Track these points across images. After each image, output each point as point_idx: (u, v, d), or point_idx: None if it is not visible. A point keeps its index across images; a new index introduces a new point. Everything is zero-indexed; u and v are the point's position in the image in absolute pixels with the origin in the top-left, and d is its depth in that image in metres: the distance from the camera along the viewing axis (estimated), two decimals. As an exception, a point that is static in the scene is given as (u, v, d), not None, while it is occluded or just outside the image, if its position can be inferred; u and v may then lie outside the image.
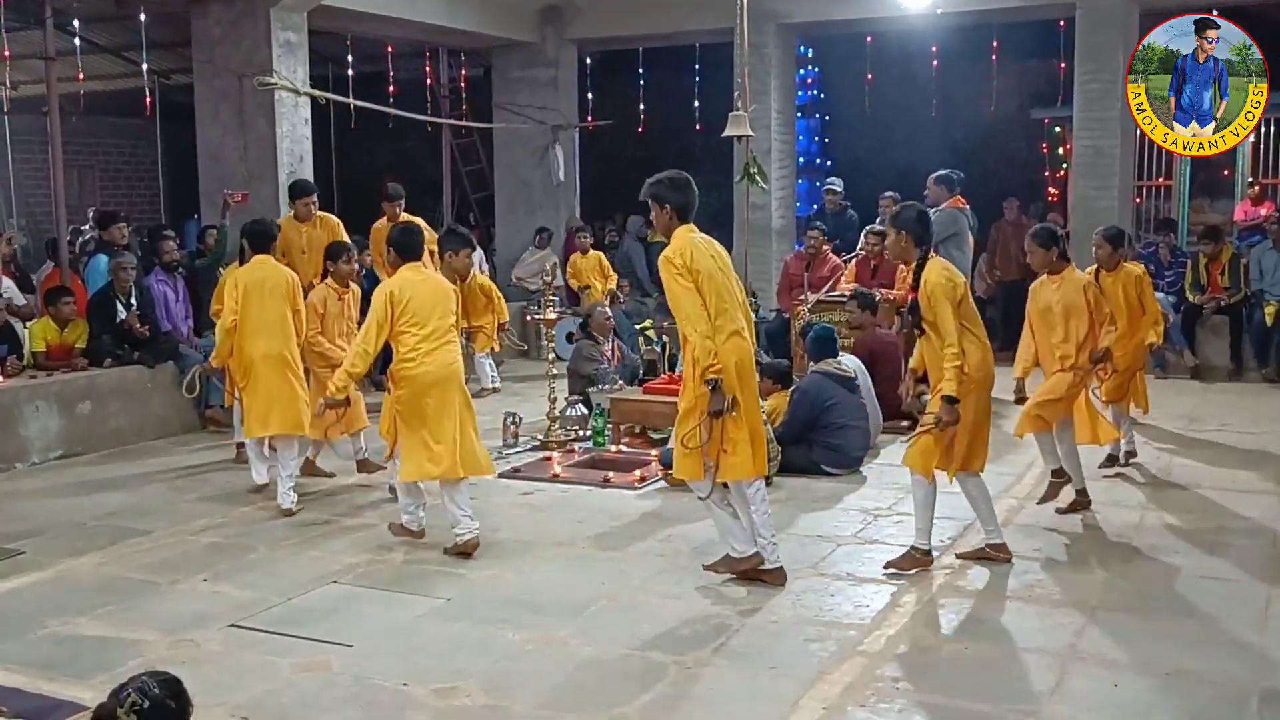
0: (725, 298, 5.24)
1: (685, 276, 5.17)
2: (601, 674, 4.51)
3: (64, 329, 8.72)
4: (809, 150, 15.62)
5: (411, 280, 6.00)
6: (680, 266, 5.18)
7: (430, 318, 5.95)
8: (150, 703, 2.62)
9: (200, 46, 10.57)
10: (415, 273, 6.07)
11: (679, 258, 5.20)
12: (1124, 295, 7.29)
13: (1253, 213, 12.52)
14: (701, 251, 5.25)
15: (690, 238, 5.31)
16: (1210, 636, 4.82)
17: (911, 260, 5.68)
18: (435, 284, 6.12)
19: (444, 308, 6.04)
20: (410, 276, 6.02)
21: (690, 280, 5.17)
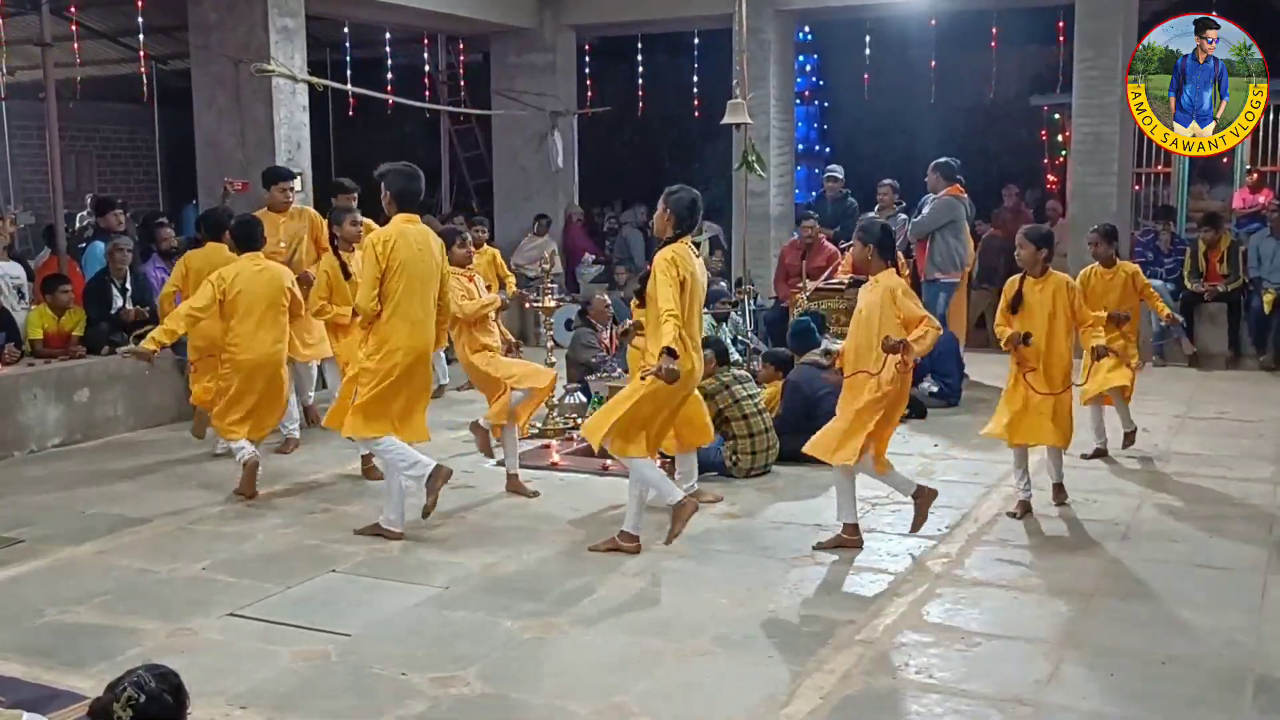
0: (409, 291, 5.85)
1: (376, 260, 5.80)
2: (599, 662, 4.52)
3: (61, 316, 8.71)
4: (808, 137, 15.61)
5: (247, 270, 6.80)
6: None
7: (255, 306, 6.71)
8: (147, 696, 2.61)
9: (197, 32, 10.52)
10: (252, 262, 6.86)
11: (380, 244, 5.84)
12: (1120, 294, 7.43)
13: (1251, 200, 12.52)
14: (407, 243, 5.86)
15: (403, 228, 5.90)
16: (1206, 624, 4.84)
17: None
18: (268, 275, 6.88)
19: (268, 299, 6.78)
20: (246, 265, 6.81)
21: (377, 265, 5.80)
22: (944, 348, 9.49)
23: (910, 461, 7.63)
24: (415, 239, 5.92)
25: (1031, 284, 6.36)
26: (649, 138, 17.96)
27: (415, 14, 12.76)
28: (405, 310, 5.85)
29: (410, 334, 5.87)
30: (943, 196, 10.00)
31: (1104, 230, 7.66)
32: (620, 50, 15.66)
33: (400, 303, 5.82)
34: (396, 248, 5.82)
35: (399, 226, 5.89)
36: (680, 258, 5.54)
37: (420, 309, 5.92)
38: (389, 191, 5.95)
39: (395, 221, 5.92)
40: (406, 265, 5.82)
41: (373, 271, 5.78)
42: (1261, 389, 9.96)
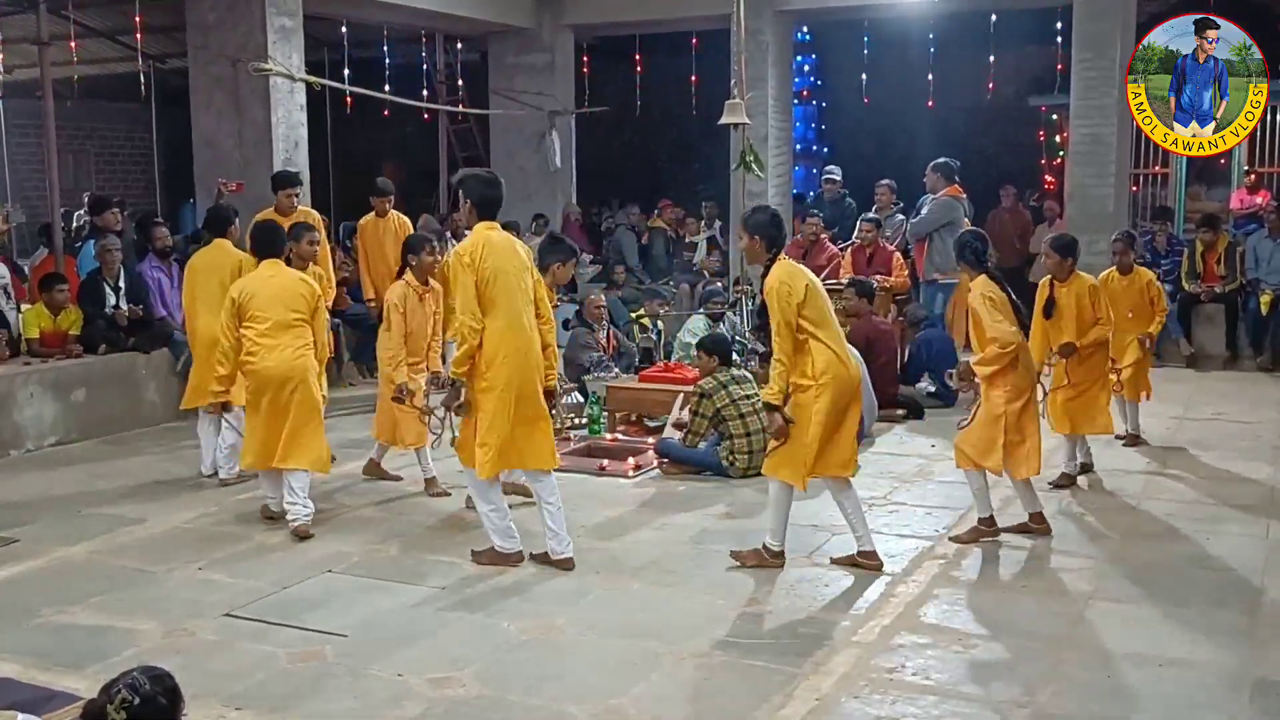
0: (509, 295, 5.41)
1: (468, 271, 5.35)
2: (597, 664, 4.51)
3: (58, 316, 8.69)
4: (806, 137, 15.60)
5: (261, 276, 6.33)
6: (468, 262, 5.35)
7: (270, 315, 6.17)
8: (141, 698, 2.60)
9: (195, 31, 10.51)
10: (271, 268, 6.37)
11: (468, 255, 5.38)
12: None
13: (1249, 201, 12.51)
14: (495, 249, 5.42)
15: (487, 235, 5.47)
16: (1204, 625, 4.83)
17: (762, 262, 5.53)
18: (283, 282, 6.32)
19: (286, 306, 6.22)
20: (263, 272, 6.36)
21: (472, 275, 5.34)
22: (942, 348, 9.51)
23: (908, 462, 7.64)
24: (502, 246, 5.51)
25: (1060, 288, 6.82)
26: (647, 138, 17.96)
27: (413, 13, 12.76)
28: (507, 316, 5.42)
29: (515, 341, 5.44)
30: (941, 197, 10.00)
31: (1126, 236, 7.81)
32: (618, 50, 15.65)
33: (501, 310, 5.41)
34: (485, 256, 5.40)
35: (483, 234, 5.49)
36: (789, 275, 5.33)
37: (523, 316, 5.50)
38: (469, 199, 5.61)
39: (478, 230, 5.53)
40: (499, 273, 5.41)
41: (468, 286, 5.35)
42: (1259, 390, 9.97)
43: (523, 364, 5.43)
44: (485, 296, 5.38)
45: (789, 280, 5.32)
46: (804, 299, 5.29)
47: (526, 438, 5.47)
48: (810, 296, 5.33)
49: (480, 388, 5.41)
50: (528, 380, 5.45)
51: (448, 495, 6.81)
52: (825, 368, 5.30)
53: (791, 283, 5.31)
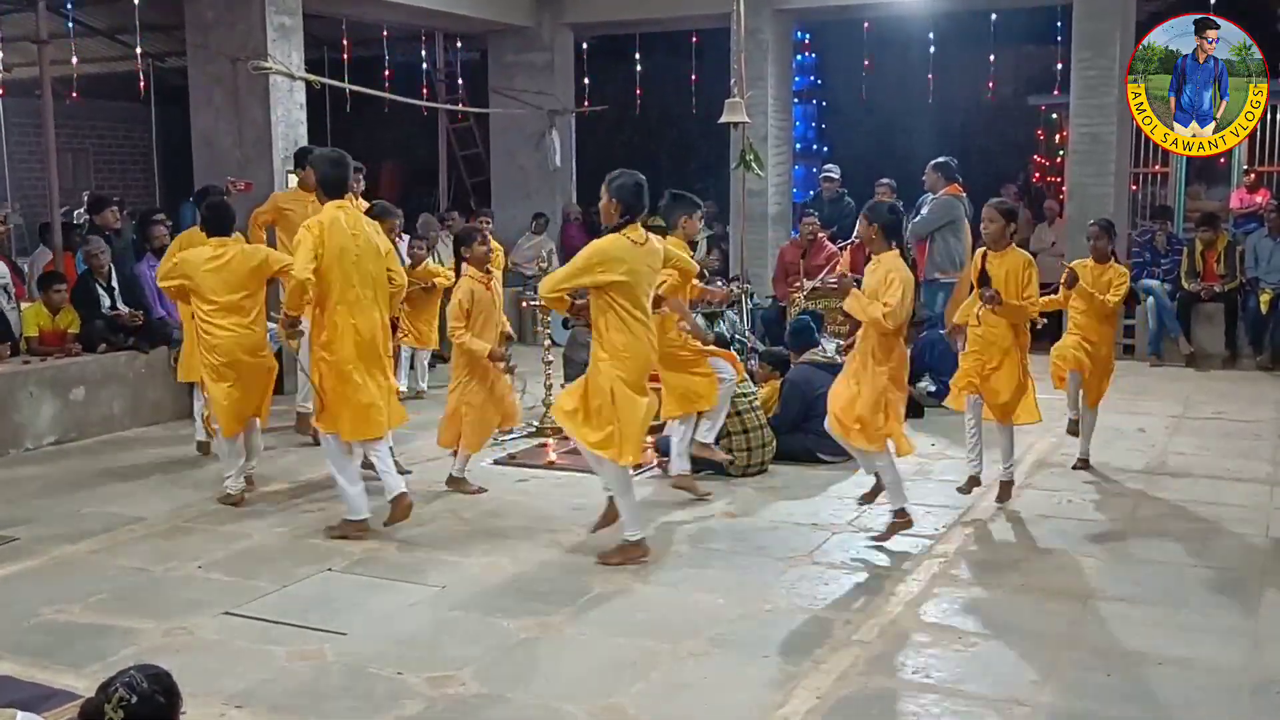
0: (351, 272, 5.88)
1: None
2: (596, 662, 4.51)
3: (56, 315, 8.69)
4: (806, 136, 15.59)
5: (206, 255, 6.64)
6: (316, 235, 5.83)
7: (219, 297, 6.54)
8: (139, 697, 2.59)
9: (194, 30, 10.51)
10: (219, 247, 6.66)
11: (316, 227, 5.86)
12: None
13: (1248, 200, 12.51)
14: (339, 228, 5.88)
15: (335, 214, 5.94)
16: (1203, 626, 4.84)
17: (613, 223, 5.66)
18: (229, 261, 6.63)
19: (234, 287, 6.58)
20: (208, 252, 6.66)
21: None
22: (942, 347, 9.50)
23: (906, 461, 7.60)
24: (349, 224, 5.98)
25: (993, 258, 6.40)
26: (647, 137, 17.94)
27: (413, 12, 12.76)
28: (344, 295, 5.89)
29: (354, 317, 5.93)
30: (942, 196, 10.00)
31: (1104, 224, 7.52)
32: (618, 49, 15.65)
33: (340, 288, 5.88)
34: (331, 233, 5.88)
35: (332, 213, 5.95)
36: (615, 247, 5.42)
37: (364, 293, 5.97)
38: (315, 176, 6.16)
39: (328, 208, 5.98)
40: (345, 251, 5.88)
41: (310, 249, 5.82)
42: (1258, 389, 9.97)
43: (359, 339, 5.92)
44: (323, 273, 5.83)
45: (613, 250, 5.40)
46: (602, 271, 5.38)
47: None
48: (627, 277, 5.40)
49: (319, 357, 5.96)
50: (366, 356, 5.95)
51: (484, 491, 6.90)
52: (623, 346, 5.44)
53: (617, 253, 5.39)
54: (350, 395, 5.94)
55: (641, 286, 5.50)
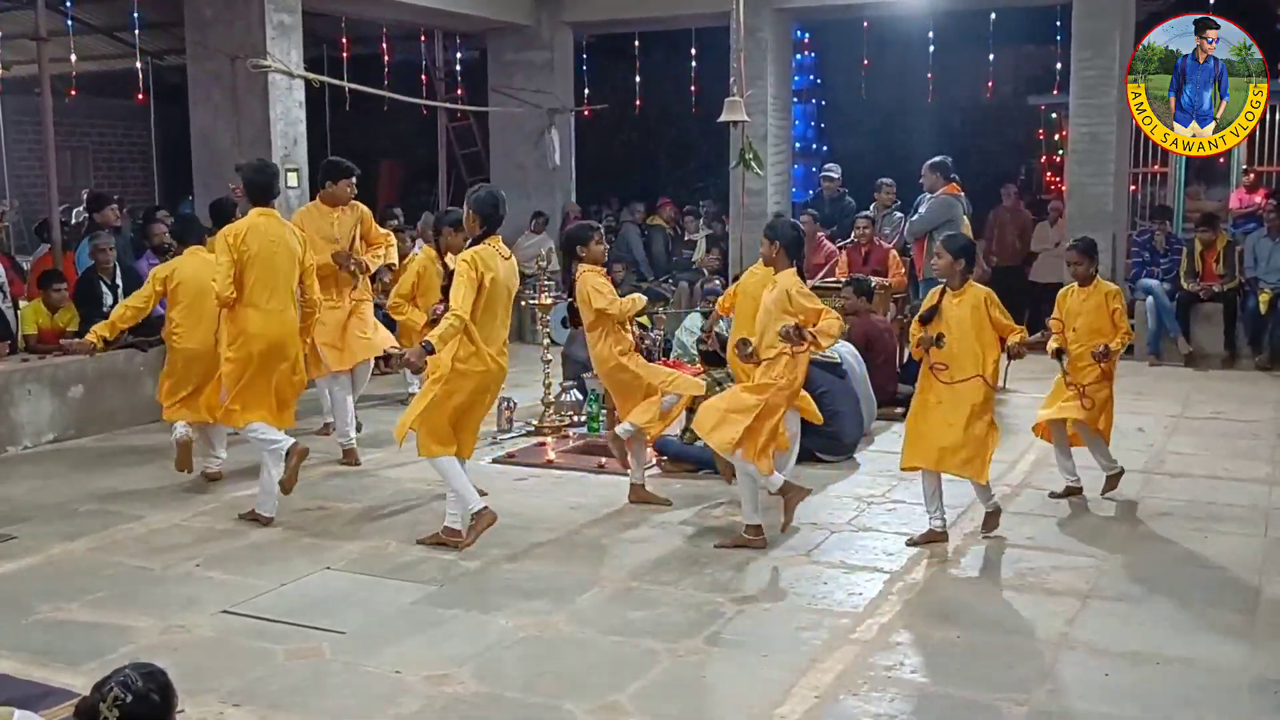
0: (270, 277, 6.18)
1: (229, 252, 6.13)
2: (594, 661, 4.51)
3: (55, 313, 8.68)
4: (805, 135, 15.59)
5: (190, 261, 7.00)
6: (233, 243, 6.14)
7: (196, 297, 6.84)
8: (134, 696, 2.57)
9: (193, 28, 10.50)
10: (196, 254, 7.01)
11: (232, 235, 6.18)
12: None
13: (1248, 200, 12.51)
14: (257, 233, 6.18)
15: (255, 221, 6.24)
16: (1202, 624, 4.84)
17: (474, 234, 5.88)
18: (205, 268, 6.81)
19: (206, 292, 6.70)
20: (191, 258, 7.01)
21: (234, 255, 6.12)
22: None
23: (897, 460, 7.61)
24: (269, 231, 6.25)
25: (950, 296, 5.91)
26: (646, 136, 17.95)
27: (413, 10, 12.75)
28: (257, 300, 6.17)
29: (264, 323, 6.19)
30: (940, 195, 10.00)
31: (1083, 246, 6.72)
32: (618, 48, 15.64)
33: (253, 293, 6.15)
34: (247, 240, 6.15)
35: (252, 220, 6.22)
36: (481, 258, 5.66)
37: (275, 299, 6.23)
38: (242, 184, 6.41)
39: (251, 214, 6.25)
40: (258, 258, 6.15)
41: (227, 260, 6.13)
42: (1257, 389, 9.96)
43: (264, 350, 6.19)
44: (241, 278, 6.13)
45: (484, 259, 5.66)
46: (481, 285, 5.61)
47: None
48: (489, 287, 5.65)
49: (229, 357, 6.21)
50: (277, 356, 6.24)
51: None
52: (464, 357, 5.64)
53: (487, 261, 5.66)
54: None
55: (500, 299, 5.79)
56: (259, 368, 6.21)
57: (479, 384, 5.77)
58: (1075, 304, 6.66)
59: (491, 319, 5.75)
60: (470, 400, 5.78)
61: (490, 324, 5.75)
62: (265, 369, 6.24)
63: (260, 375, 6.24)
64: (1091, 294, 6.60)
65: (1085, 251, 6.68)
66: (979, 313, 5.83)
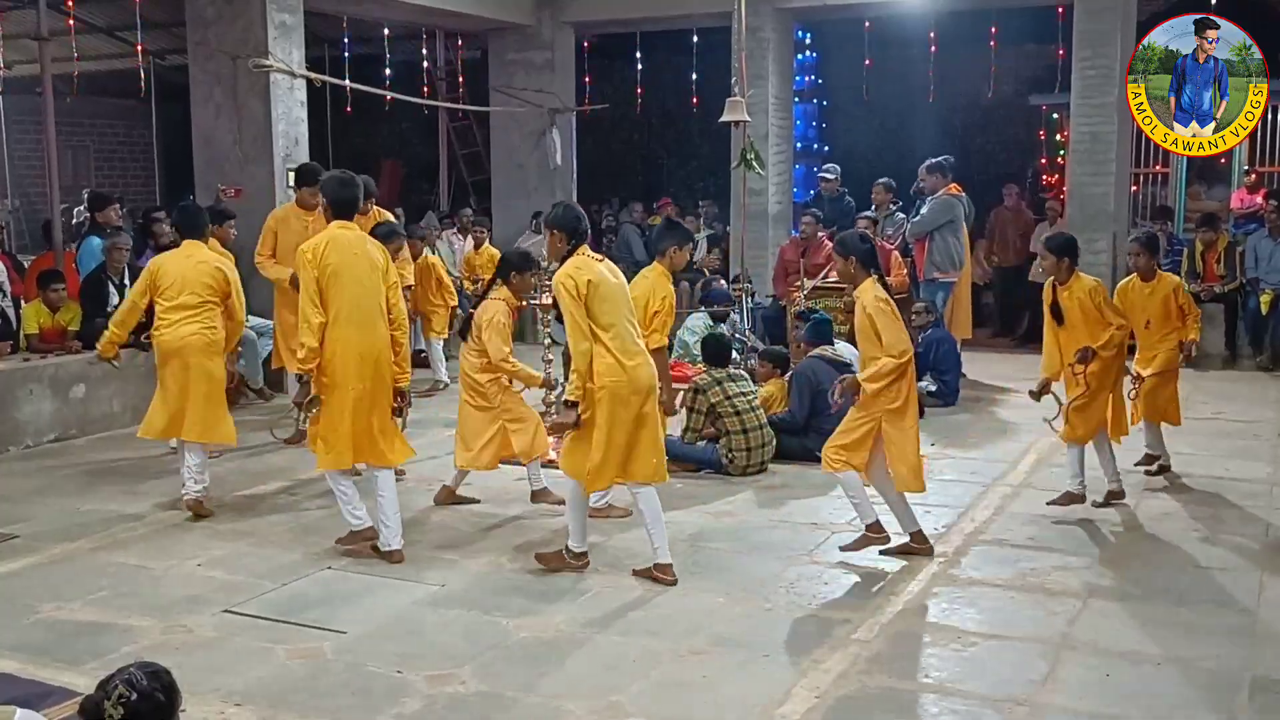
0: (351, 292, 5.56)
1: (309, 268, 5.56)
2: (595, 661, 4.51)
3: (56, 312, 8.69)
4: (806, 135, 15.58)
5: (179, 255, 6.68)
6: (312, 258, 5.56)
7: (178, 293, 6.53)
8: (138, 694, 2.58)
9: (194, 27, 10.50)
10: (190, 249, 6.70)
11: (310, 251, 5.60)
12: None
13: (1249, 200, 12.51)
14: (337, 245, 5.60)
15: (335, 232, 5.65)
16: (1203, 625, 4.84)
17: (559, 256, 5.41)
18: (197, 264, 6.63)
19: (194, 288, 6.56)
20: (181, 252, 6.70)
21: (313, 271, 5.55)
22: (949, 349, 9.51)
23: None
24: (351, 245, 5.68)
25: (1061, 291, 6.38)
26: (647, 135, 17.96)
27: (414, 10, 12.76)
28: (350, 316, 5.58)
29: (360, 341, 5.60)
30: (941, 196, 10.00)
31: (1145, 239, 6.97)
32: (619, 48, 15.64)
33: (342, 310, 5.55)
34: (327, 253, 5.57)
35: (332, 233, 5.67)
36: (578, 269, 5.22)
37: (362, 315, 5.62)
38: (324, 199, 5.86)
39: (330, 228, 5.71)
40: (340, 272, 5.55)
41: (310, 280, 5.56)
42: (1258, 389, 9.96)
43: (361, 363, 5.55)
44: (325, 294, 5.52)
45: (574, 274, 5.19)
46: (587, 294, 5.16)
47: (366, 434, 5.64)
48: (594, 293, 5.17)
49: (323, 384, 5.60)
50: (369, 379, 5.59)
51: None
52: (603, 372, 5.17)
53: (576, 276, 5.18)
54: None
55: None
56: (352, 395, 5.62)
57: (639, 393, 5.27)
58: (1137, 298, 6.91)
59: (616, 321, 5.24)
60: (619, 414, 5.25)
61: (616, 328, 5.24)
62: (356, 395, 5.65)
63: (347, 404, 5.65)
64: (1157, 287, 6.87)
65: (1147, 245, 6.91)
66: (1085, 303, 6.28)
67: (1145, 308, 6.86)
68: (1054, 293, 6.44)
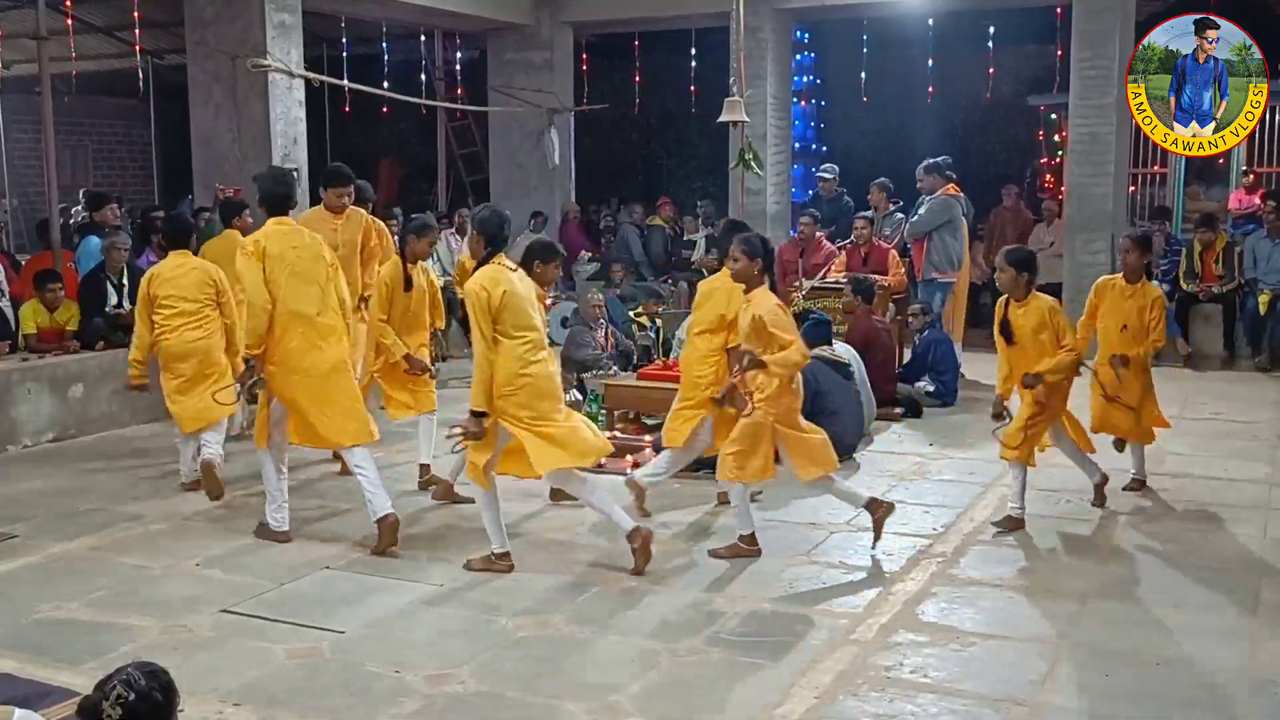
0: (290, 284, 5.79)
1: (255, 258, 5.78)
2: (594, 661, 4.51)
3: (54, 312, 8.68)
4: (805, 136, 15.58)
5: (170, 265, 6.93)
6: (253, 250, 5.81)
7: (176, 302, 6.82)
8: (136, 694, 2.58)
9: (193, 27, 10.50)
10: (179, 258, 6.94)
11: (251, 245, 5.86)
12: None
13: (1247, 201, 12.52)
14: (276, 239, 5.84)
15: (271, 229, 5.89)
16: (1201, 625, 4.84)
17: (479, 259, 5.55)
18: (189, 271, 6.91)
19: (191, 294, 6.86)
20: (170, 262, 6.94)
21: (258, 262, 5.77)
22: (947, 350, 9.52)
23: (905, 460, 7.64)
24: (289, 238, 5.91)
25: (1015, 308, 6.10)
26: (646, 135, 17.95)
27: (412, 10, 12.75)
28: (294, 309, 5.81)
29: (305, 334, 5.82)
30: (939, 196, 10.01)
31: (1138, 237, 6.64)
32: (617, 48, 15.64)
33: (286, 301, 5.78)
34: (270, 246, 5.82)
35: (269, 229, 5.89)
36: (494, 282, 5.34)
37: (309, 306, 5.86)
38: (258, 194, 6.08)
39: (268, 223, 5.92)
40: (279, 265, 5.78)
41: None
42: (1256, 390, 9.97)
43: (303, 352, 5.78)
44: (271, 283, 5.76)
45: (488, 287, 5.30)
46: (499, 305, 5.28)
47: (324, 418, 5.83)
48: (506, 303, 5.29)
49: (269, 370, 5.82)
50: (319, 363, 5.80)
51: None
52: (515, 374, 5.29)
53: (491, 290, 5.29)
54: None
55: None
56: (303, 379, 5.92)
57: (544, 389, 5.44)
58: (1118, 298, 6.54)
59: (528, 325, 5.42)
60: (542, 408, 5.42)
61: (527, 332, 5.41)
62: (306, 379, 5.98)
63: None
64: (1139, 292, 6.52)
65: (1139, 243, 6.60)
66: (1043, 322, 6.01)
67: (1123, 310, 6.51)
68: (1005, 310, 6.12)
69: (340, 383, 5.88)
